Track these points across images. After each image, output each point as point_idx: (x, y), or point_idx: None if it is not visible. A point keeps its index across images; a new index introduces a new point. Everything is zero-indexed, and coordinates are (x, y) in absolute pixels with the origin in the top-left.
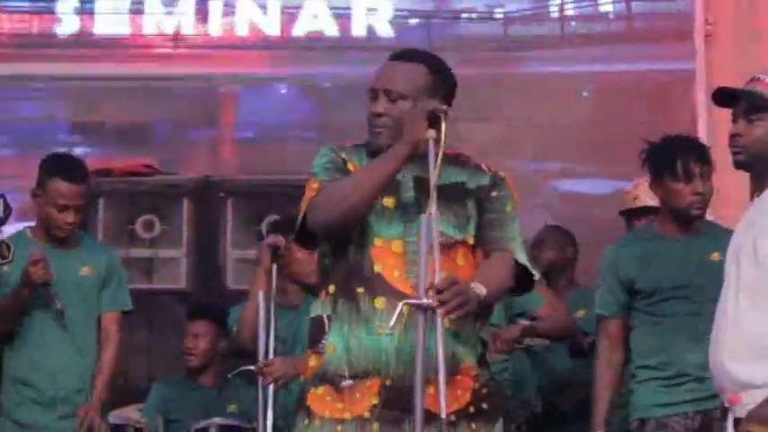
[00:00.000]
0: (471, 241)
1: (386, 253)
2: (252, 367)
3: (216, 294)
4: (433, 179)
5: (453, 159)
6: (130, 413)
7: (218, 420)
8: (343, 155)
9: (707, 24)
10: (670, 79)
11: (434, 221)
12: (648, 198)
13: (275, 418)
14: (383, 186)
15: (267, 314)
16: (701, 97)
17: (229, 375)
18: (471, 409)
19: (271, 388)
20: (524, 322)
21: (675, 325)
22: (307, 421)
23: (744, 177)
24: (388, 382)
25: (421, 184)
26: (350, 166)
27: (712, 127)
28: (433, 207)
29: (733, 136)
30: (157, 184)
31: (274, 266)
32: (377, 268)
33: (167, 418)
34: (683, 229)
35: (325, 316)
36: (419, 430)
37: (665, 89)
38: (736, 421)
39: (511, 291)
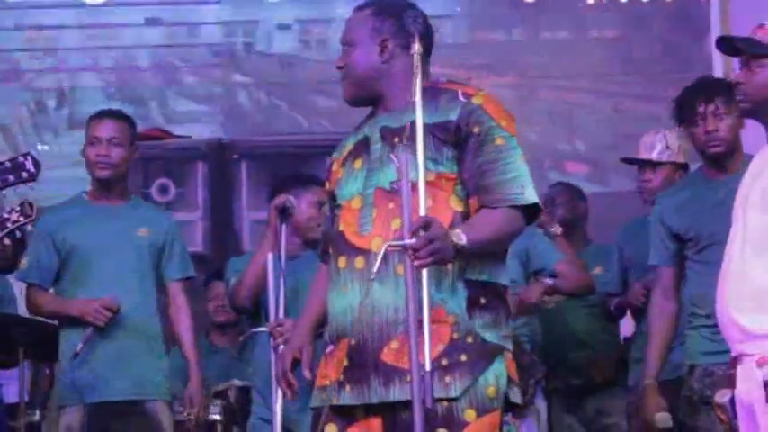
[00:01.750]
0: (432, 178)
1: (347, 211)
2: (264, 329)
3: (232, 256)
4: (418, 97)
5: (422, 93)
6: None
7: (236, 382)
8: (334, 155)
9: None
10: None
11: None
12: (645, 150)
13: None
14: None
15: (277, 275)
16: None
17: (241, 338)
18: (444, 362)
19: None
20: (546, 281)
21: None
22: (313, 392)
23: None
24: (353, 342)
25: (388, 133)
26: (333, 167)
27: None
28: (420, 141)
29: (736, 84)
30: (171, 148)
31: (284, 227)
32: (340, 227)
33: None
34: (719, 170)
35: None
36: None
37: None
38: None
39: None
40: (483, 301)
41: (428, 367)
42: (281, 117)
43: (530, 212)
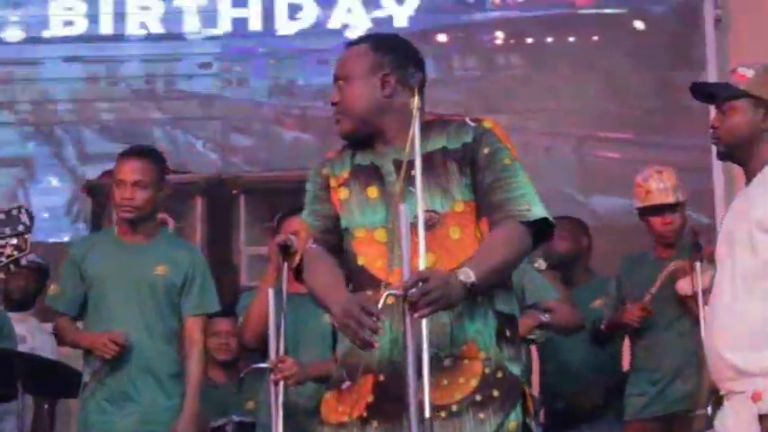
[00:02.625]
0: (460, 208)
1: (368, 243)
2: (265, 365)
3: (230, 291)
4: (417, 150)
5: (431, 124)
6: None
7: (235, 418)
8: (325, 170)
9: (716, 8)
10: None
11: (417, 200)
12: (661, 194)
13: (286, 416)
14: None
15: (278, 312)
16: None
17: (242, 374)
18: (478, 397)
19: (281, 384)
20: (540, 316)
21: None
22: (319, 428)
23: None
24: (381, 378)
25: (400, 168)
26: (332, 182)
27: None
28: (419, 184)
29: (712, 128)
30: (170, 183)
31: (285, 264)
32: (360, 261)
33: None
34: None
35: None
36: (415, 428)
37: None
38: (762, 419)
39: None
40: (508, 333)
41: (427, 414)
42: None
43: (541, 231)
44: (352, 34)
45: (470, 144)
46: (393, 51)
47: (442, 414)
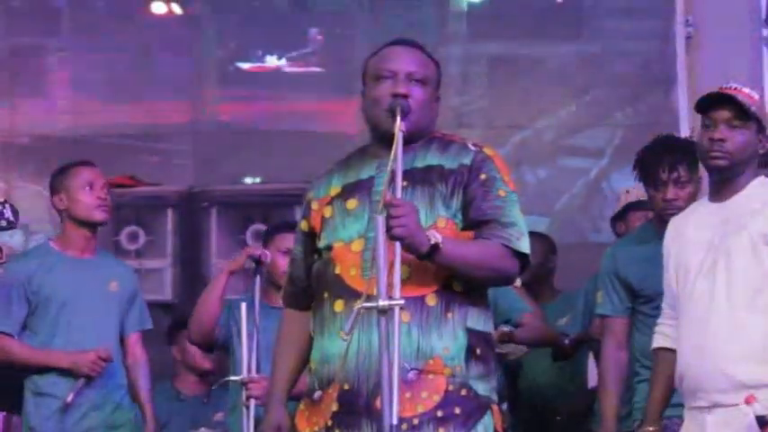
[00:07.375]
0: (443, 224)
1: (345, 253)
2: (236, 378)
3: None
4: (398, 171)
5: (432, 141)
6: None
7: (203, 431)
8: (311, 194)
9: (687, 26)
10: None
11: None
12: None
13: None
14: None
15: (251, 325)
16: (684, 101)
17: (213, 387)
18: (439, 413)
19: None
20: (503, 328)
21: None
22: None
23: None
24: (346, 387)
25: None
26: (313, 206)
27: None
28: (402, 197)
29: (716, 140)
30: (141, 196)
31: (257, 276)
32: (337, 270)
33: None
34: None
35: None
36: None
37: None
38: (760, 420)
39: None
40: (479, 351)
41: (395, 421)
42: None
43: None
44: None
45: (467, 166)
46: (436, 63)
47: (404, 426)
